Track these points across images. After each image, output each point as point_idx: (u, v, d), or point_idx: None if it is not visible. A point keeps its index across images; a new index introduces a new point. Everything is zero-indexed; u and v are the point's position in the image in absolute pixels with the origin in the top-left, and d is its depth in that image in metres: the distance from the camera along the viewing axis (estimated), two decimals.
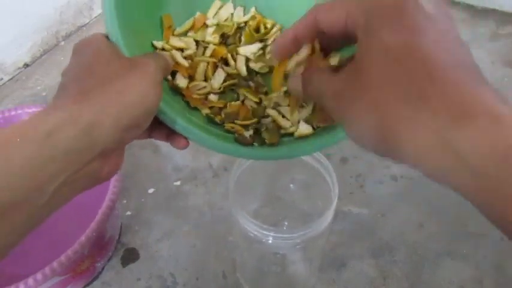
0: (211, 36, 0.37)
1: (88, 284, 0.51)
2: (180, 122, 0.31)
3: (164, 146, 0.64)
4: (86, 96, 0.24)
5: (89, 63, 0.26)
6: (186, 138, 0.32)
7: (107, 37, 0.29)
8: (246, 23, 0.39)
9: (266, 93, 0.36)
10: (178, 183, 0.61)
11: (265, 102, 0.36)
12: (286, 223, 0.51)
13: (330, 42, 0.29)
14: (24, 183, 0.22)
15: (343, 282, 0.51)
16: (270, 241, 0.40)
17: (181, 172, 0.62)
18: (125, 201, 0.59)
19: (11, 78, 0.79)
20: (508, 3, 0.90)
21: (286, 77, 0.30)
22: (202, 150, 0.64)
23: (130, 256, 0.54)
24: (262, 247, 0.42)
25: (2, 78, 0.78)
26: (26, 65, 0.81)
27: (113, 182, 0.47)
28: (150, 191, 0.60)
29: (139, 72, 0.27)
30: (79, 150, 0.24)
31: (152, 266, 0.53)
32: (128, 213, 0.58)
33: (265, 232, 0.39)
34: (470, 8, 0.93)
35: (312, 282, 0.51)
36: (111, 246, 0.53)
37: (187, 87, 0.35)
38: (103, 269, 0.53)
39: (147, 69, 0.27)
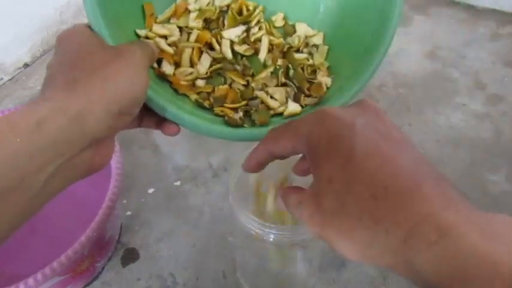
0: (194, 21, 0.37)
1: (88, 284, 0.51)
2: (170, 108, 0.31)
3: (164, 146, 0.64)
4: (74, 86, 0.25)
5: (74, 54, 0.26)
6: (176, 124, 0.32)
7: (90, 27, 0.29)
8: (228, 6, 0.39)
9: (253, 75, 0.36)
10: (178, 183, 0.61)
11: (252, 84, 0.36)
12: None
13: None
14: (14, 173, 0.22)
15: (343, 282, 0.51)
16: (271, 240, 0.40)
17: (181, 172, 0.62)
18: (124, 201, 0.59)
19: (11, 78, 0.79)
20: (508, 3, 0.90)
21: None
22: (202, 150, 0.64)
23: (130, 256, 0.54)
24: (262, 247, 0.42)
25: (2, 78, 0.78)
26: (26, 65, 0.81)
27: (113, 182, 0.47)
28: (150, 191, 0.60)
29: (125, 59, 0.27)
30: (69, 139, 0.24)
31: (152, 266, 0.53)
32: (128, 213, 0.58)
33: (266, 230, 0.39)
34: (470, 8, 0.93)
35: (312, 282, 0.51)
36: (111, 246, 0.53)
37: (174, 74, 0.35)
38: (103, 269, 0.53)
39: (133, 56, 0.27)
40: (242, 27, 0.38)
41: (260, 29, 0.38)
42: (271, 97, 0.35)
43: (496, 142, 0.67)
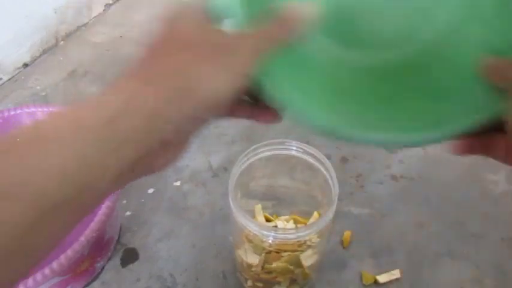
0: None
1: (88, 284, 0.51)
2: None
3: None
4: (151, 80, 0.23)
5: (176, 44, 0.24)
6: (275, 111, 0.27)
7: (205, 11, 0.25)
8: None
9: None
10: (178, 183, 0.61)
11: None
12: (286, 223, 0.51)
13: None
14: (77, 181, 0.20)
15: (343, 282, 0.51)
16: (270, 241, 0.40)
17: (181, 172, 0.62)
18: (124, 202, 0.59)
19: (10, 78, 0.79)
20: None
21: None
22: (202, 150, 0.64)
23: (130, 256, 0.54)
24: (262, 247, 0.42)
25: (1, 78, 0.78)
26: (26, 65, 0.81)
27: None
28: (150, 191, 0.60)
29: (223, 61, 0.23)
30: (137, 140, 0.22)
31: (152, 266, 0.53)
32: (128, 213, 0.58)
33: (265, 232, 0.39)
34: None
35: (312, 282, 0.51)
36: (110, 247, 0.53)
37: None
38: (103, 269, 0.53)
39: (235, 59, 0.23)
40: None
41: None
42: None
43: None
